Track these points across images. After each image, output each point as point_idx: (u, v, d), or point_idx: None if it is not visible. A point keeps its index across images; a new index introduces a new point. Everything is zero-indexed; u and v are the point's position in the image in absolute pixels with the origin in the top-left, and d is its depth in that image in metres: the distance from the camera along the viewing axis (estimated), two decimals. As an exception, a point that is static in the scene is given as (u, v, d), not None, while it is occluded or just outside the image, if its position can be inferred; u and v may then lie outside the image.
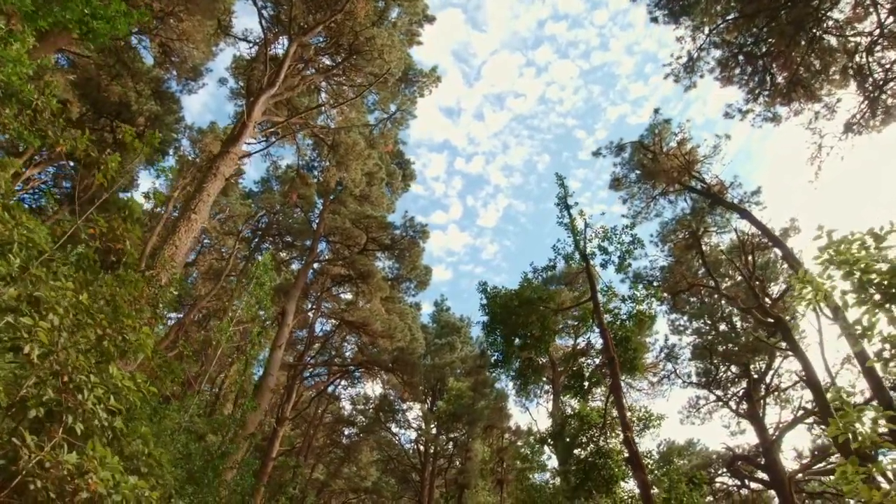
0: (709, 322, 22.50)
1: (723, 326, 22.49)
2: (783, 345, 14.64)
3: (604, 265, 13.11)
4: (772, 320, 14.63)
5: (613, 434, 13.11)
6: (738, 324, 22.20)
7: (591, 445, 12.96)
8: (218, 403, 20.34)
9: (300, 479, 23.96)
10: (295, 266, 30.92)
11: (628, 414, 10.25)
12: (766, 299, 17.48)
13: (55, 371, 4.49)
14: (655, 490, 12.91)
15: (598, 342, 13.96)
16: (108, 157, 7.17)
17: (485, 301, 13.34)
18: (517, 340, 12.91)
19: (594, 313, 11.92)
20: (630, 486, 13.01)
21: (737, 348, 20.85)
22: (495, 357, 13.74)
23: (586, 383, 13.32)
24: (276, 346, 21.24)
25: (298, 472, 23.83)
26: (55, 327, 4.67)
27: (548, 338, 13.03)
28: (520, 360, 13.61)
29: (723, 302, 22.83)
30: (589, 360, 14.37)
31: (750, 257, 18.18)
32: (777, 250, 20.67)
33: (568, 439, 13.60)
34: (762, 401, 20.13)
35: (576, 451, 13.46)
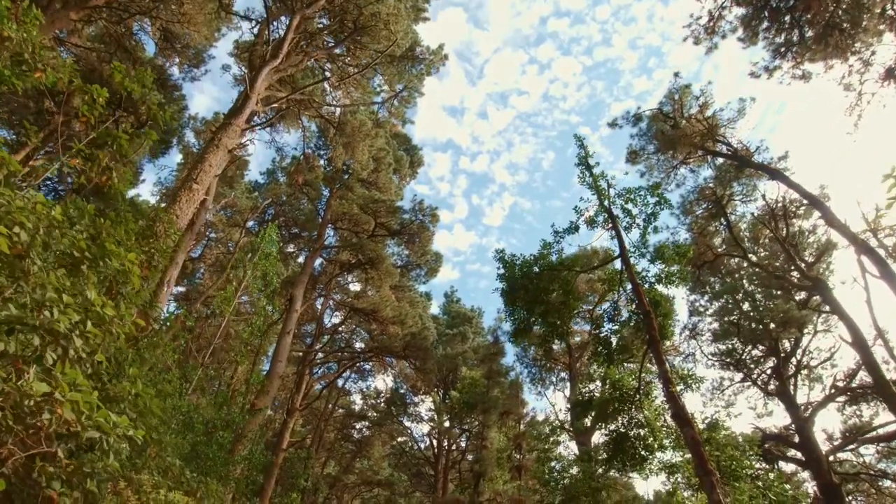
0: (732, 301, 21.60)
1: (746, 305, 21.59)
2: (825, 308, 13.78)
3: (627, 228, 12.36)
4: (809, 283, 13.78)
5: (648, 401, 12.32)
6: (763, 301, 21.29)
7: (624, 415, 12.20)
8: (230, 391, 19.80)
9: (311, 472, 23.34)
10: (302, 259, 30.37)
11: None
12: (801, 263, 16.60)
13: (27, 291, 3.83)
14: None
15: (624, 311, 13.23)
16: (93, 87, 6.54)
17: (502, 270, 12.63)
18: (538, 308, 12.17)
19: (624, 268, 11.15)
20: (667, 456, 12.24)
21: (761, 326, 19.95)
22: (515, 327, 12.99)
23: (617, 356, 12.53)
24: (285, 332, 20.64)
25: (309, 464, 23.21)
26: (23, 244, 3.98)
27: (572, 303, 12.29)
28: (542, 329, 12.87)
29: (744, 280, 21.94)
30: (612, 326, 13.60)
31: (782, 224, 17.29)
32: (805, 223, 19.80)
33: (595, 407, 12.81)
34: (792, 379, 19.22)
35: (609, 426, 12.70)
